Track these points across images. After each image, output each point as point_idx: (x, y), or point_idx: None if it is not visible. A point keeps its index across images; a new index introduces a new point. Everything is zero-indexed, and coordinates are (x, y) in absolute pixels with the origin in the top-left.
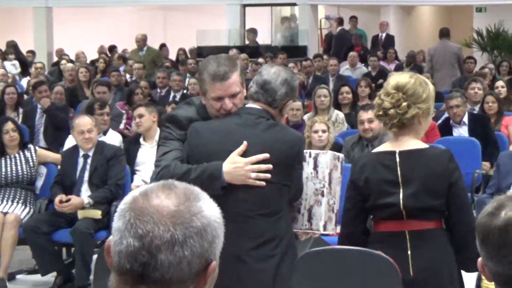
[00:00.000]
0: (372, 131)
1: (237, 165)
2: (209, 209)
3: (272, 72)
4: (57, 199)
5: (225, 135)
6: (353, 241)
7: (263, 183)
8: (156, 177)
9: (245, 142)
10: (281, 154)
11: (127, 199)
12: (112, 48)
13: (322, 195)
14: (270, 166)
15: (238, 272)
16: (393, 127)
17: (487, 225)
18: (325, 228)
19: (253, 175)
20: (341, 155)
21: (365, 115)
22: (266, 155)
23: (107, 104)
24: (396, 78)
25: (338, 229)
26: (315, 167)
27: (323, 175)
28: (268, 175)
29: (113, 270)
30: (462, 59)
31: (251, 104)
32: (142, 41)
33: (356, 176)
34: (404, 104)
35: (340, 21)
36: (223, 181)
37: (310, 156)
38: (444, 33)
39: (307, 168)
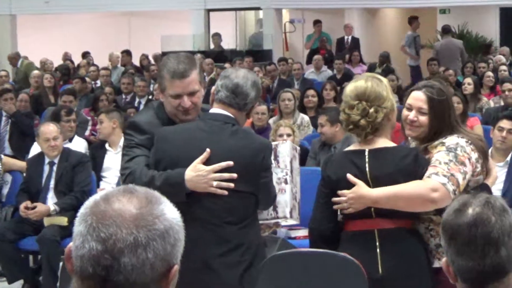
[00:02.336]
0: (324, 134)
1: (199, 173)
2: (170, 212)
3: (241, 76)
4: (22, 206)
5: (190, 141)
6: (325, 237)
7: (225, 191)
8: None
9: (208, 150)
10: (246, 161)
11: (88, 203)
12: (85, 54)
13: (286, 182)
14: (233, 175)
15: (205, 279)
16: (368, 136)
17: (455, 222)
18: (291, 215)
19: (215, 183)
20: (297, 147)
21: (319, 119)
22: (230, 163)
23: (73, 111)
24: (352, 87)
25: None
26: (276, 157)
27: (284, 164)
28: (231, 184)
29: (75, 276)
30: (465, 53)
31: (216, 109)
32: (13, 58)
33: (328, 172)
34: (371, 110)
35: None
36: (187, 188)
37: None
38: (447, 31)
39: None
